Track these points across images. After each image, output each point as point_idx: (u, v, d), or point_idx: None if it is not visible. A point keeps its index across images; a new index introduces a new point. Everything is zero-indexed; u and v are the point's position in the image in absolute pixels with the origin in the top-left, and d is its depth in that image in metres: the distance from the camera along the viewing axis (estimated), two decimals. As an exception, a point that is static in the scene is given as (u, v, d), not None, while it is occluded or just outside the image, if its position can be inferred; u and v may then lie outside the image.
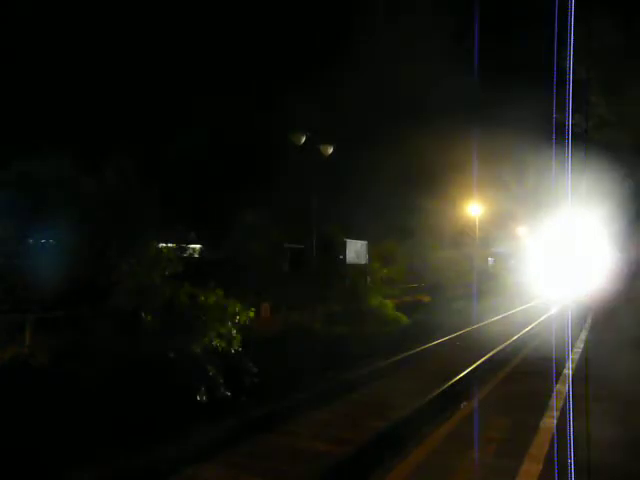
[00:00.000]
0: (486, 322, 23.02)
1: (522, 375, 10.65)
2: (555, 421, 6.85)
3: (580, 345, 13.46)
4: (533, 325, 21.57)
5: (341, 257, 26.13)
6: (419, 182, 28.12)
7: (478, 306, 24.99)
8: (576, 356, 11.76)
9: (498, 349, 15.96)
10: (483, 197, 31.18)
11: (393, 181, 28.36)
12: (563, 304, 19.70)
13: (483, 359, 14.26)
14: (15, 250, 11.58)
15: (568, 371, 9.99)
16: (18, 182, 11.68)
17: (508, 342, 17.29)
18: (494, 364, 13.71)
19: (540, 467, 5.36)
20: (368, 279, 24.13)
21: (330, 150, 18.92)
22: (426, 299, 27.50)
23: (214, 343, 10.63)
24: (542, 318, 23.24)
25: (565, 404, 7.54)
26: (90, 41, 22.38)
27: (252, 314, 11.61)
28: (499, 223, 33.62)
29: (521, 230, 35.98)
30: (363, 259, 26.70)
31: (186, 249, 19.16)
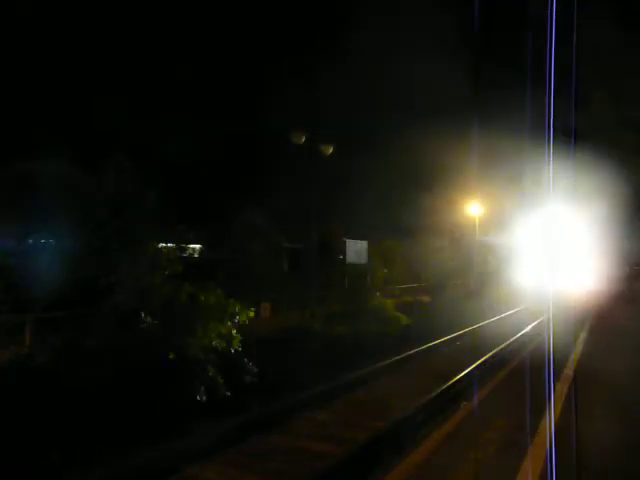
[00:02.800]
0: (486, 322, 23.02)
1: (520, 375, 10.61)
2: (552, 418, 6.85)
3: (579, 346, 13.45)
4: (533, 325, 21.55)
5: (341, 257, 26.13)
6: (418, 182, 28.14)
7: (478, 307, 24.98)
8: (574, 357, 11.77)
9: (497, 349, 15.96)
10: (482, 196, 31.16)
11: (393, 181, 28.39)
12: (559, 307, 19.22)
13: (482, 359, 14.25)
14: (15, 250, 11.59)
15: (568, 371, 10.00)
16: (18, 182, 11.70)
17: (507, 343, 17.29)
18: (493, 364, 13.73)
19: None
20: (368, 279, 24.14)
21: (330, 150, 18.93)
22: (426, 299, 27.48)
23: (214, 343, 10.64)
24: (540, 320, 23.20)
25: (562, 399, 7.58)
26: (91, 41, 22.38)
27: (252, 314, 11.62)
28: (498, 222, 33.57)
29: (520, 229, 35.86)
30: (363, 259, 26.69)
31: (186, 249, 19.18)
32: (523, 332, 19.63)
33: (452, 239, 32.44)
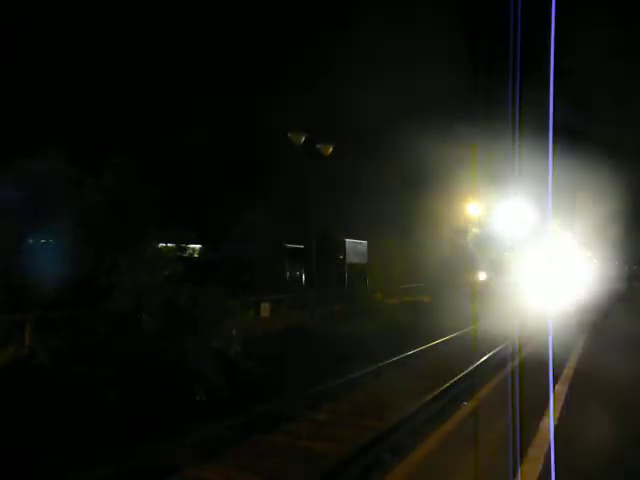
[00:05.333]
0: (485, 322, 23.01)
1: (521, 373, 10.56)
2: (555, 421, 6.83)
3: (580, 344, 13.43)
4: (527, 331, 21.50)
5: (341, 257, 26.14)
6: (418, 182, 28.09)
7: (478, 307, 24.95)
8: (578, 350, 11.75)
9: (496, 350, 15.97)
10: (481, 196, 31.03)
11: (393, 181, 28.36)
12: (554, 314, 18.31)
13: (482, 359, 14.25)
14: (15, 250, 11.58)
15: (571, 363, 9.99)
16: (18, 182, 11.69)
17: (503, 345, 17.27)
18: (494, 363, 13.74)
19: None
20: (368, 279, 24.15)
21: (330, 150, 18.92)
22: (426, 299, 27.47)
23: (214, 343, 10.65)
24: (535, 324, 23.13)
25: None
26: (91, 40, 22.38)
27: (252, 314, 11.63)
28: (495, 222, 33.44)
29: (514, 229, 35.67)
30: (363, 259, 26.72)
31: (186, 249, 19.18)
32: (517, 337, 19.56)
33: (450, 238, 32.34)
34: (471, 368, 13.03)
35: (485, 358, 14.50)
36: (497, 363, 13.58)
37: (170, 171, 20.51)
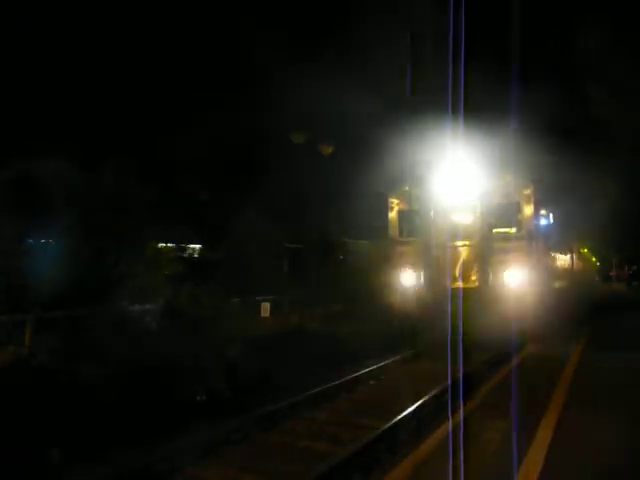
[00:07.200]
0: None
1: (526, 371, 10.51)
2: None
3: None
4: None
5: (341, 257, 26.14)
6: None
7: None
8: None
9: (499, 349, 15.94)
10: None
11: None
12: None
13: (484, 358, 14.22)
14: (15, 250, 11.59)
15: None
16: (18, 182, 11.70)
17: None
18: (494, 361, 13.72)
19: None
20: (367, 279, 24.08)
21: (330, 150, 18.92)
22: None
23: (214, 343, 10.65)
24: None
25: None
26: (91, 41, 22.39)
27: (252, 314, 11.64)
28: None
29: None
30: (363, 259, 26.66)
31: (186, 249, 19.21)
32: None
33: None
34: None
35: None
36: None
37: (170, 171, 20.53)
